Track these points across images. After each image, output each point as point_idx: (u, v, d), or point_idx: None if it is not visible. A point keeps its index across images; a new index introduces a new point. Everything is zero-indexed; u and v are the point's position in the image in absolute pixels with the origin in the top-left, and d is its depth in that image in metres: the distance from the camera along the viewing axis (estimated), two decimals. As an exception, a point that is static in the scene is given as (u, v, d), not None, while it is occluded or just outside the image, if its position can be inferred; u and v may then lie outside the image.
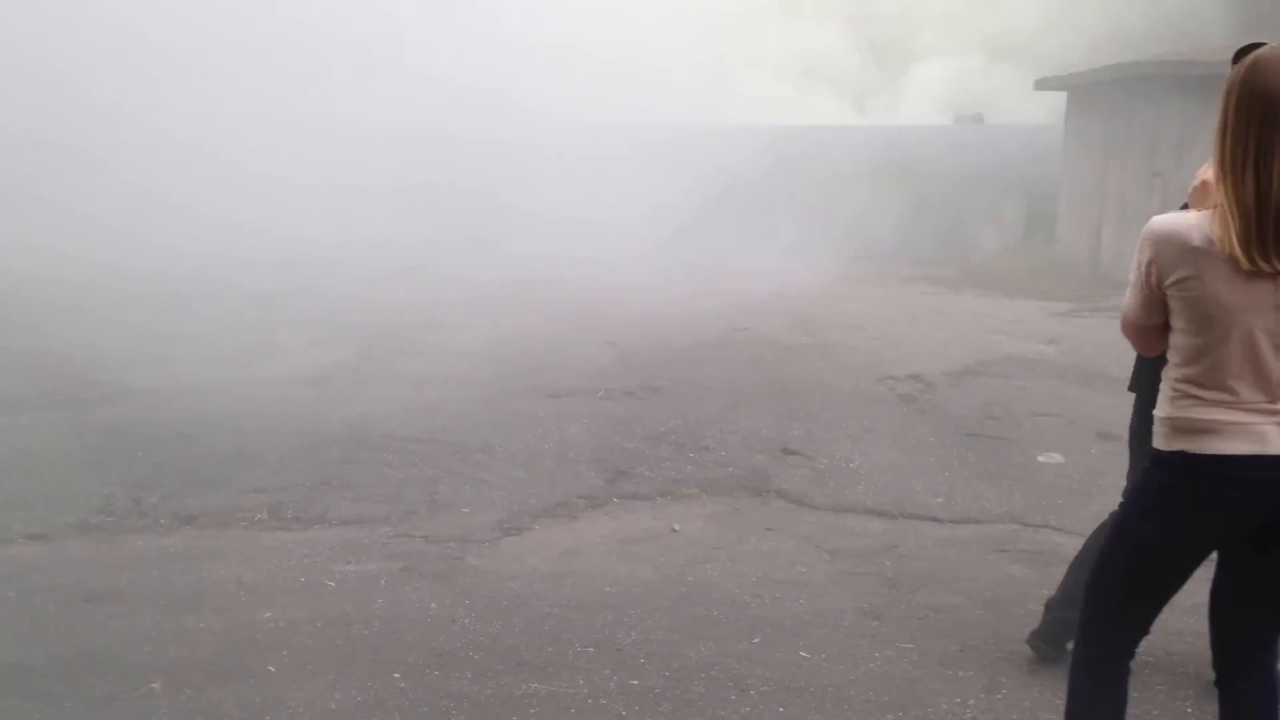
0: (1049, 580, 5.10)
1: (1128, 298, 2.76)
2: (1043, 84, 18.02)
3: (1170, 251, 2.60)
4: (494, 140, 16.11)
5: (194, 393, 8.13)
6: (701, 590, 5.00)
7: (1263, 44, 2.61)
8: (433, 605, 4.77)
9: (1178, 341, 2.68)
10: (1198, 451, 2.63)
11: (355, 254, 15.15)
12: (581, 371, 8.88)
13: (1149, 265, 2.65)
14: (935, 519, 6.05)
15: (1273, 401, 2.59)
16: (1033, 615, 4.56)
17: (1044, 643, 4.27)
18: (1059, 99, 17.81)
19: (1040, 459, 6.90)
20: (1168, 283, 2.62)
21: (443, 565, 5.22)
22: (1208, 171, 2.76)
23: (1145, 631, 2.90)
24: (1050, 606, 4.29)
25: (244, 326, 10.71)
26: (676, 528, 5.85)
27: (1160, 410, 2.74)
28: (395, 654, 4.32)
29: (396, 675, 4.14)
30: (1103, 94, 16.38)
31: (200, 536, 5.57)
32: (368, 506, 6.01)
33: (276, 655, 4.29)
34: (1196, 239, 2.56)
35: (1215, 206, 2.56)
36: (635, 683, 4.12)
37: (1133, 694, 2.97)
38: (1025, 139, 18.04)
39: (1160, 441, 2.72)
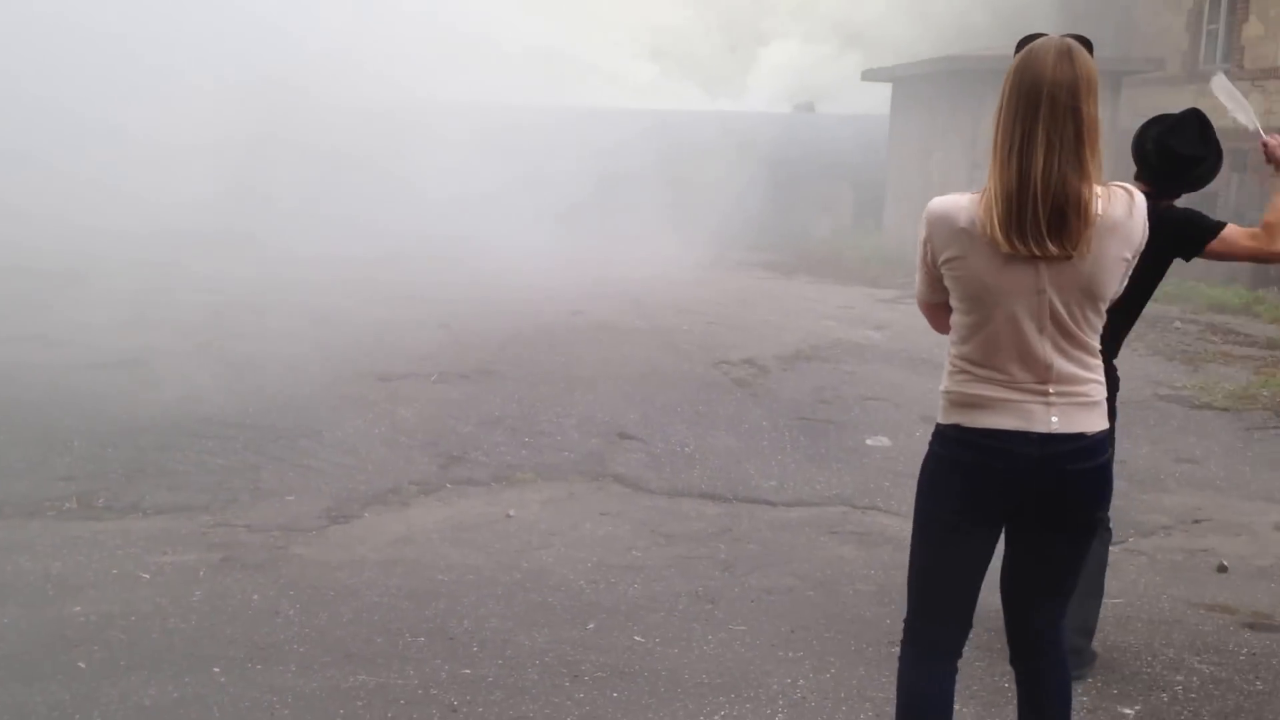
0: (877, 561, 5.21)
1: (917, 275, 2.84)
2: (869, 75, 18.45)
3: (941, 231, 2.68)
4: (353, 107, 15.47)
5: (-2, 376, 7.66)
6: (536, 576, 4.94)
7: (1042, 34, 2.68)
8: (255, 597, 4.58)
9: (955, 319, 2.77)
10: (970, 425, 2.72)
11: (186, 220, 14.37)
12: (414, 354, 8.69)
13: (925, 244, 2.73)
14: (768, 502, 6.11)
15: (1041, 382, 2.67)
16: (861, 596, 4.64)
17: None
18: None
19: (869, 442, 7.04)
20: (940, 261, 2.70)
21: (266, 555, 5.03)
22: None
23: (965, 624, 2.91)
24: None
25: (47, 304, 10.13)
26: (511, 513, 5.76)
27: (941, 385, 2.82)
28: (215, 648, 4.13)
29: (216, 670, 3.96)
30: (926, 87, 16.85)
31: (4, 527, 5.24)
32: (185, 495, 5.75)
33: (87, 650, 4.06)
34: (963, 220, 2.63)
35: (983, 190, 2.64)
36: (468, 672, 4.03)
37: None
38: (855, 128, 18.44)
39: (940, 415, 2.81)
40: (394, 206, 14.99)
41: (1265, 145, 4.10)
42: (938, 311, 2.86)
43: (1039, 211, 2.55)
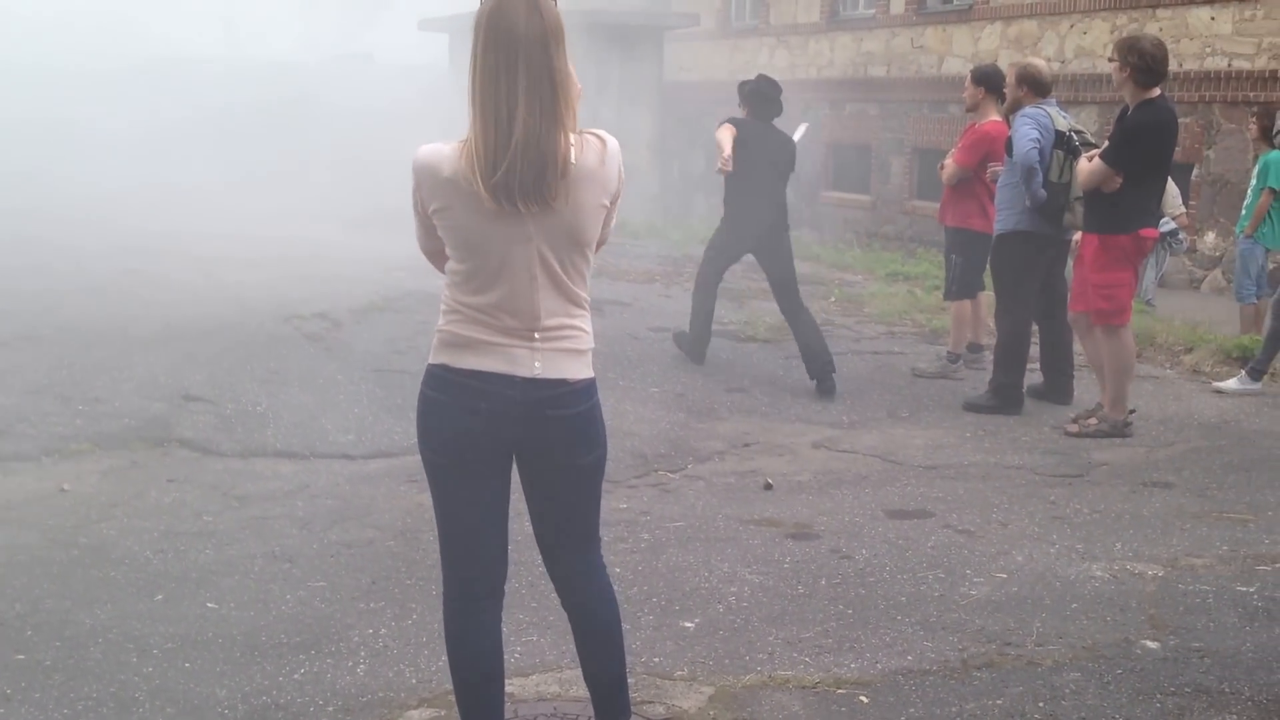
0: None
1: (414, 223, 2.86)
2: (426, 25, 18.46)
3: (429, 182, 2.72)
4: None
5: None
6: (96, 551, 4.65)
7: None
8: None
9: (450, 265, 2.81)
10: (456, 365, 2.78)
11: None
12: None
13: (415, 192, 2.77)
14: (347, 456, 6.06)
15: (529, 329, 2.75)
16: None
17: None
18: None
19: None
20: (430, 210, 2.75)
21: None
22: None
23: (498, 564, 2.94)
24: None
25: None
26: (66, 487, 5.38)
27: (438, 323, 2.86)
28: None
29: None
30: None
31: None
32: None
33: None
34: (448, 171, 2.67)
35: (465, 141, 2.68)
36: (21, 657, 3.75)
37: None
38: (415, 79, 18.33)
39: (431, 355, 2.85)
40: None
41: None
42: (437, 257, 2.89)
43: (522, 168, 2.61)
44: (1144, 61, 6.28)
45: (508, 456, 2.85)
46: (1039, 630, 4.12)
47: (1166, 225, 9.29)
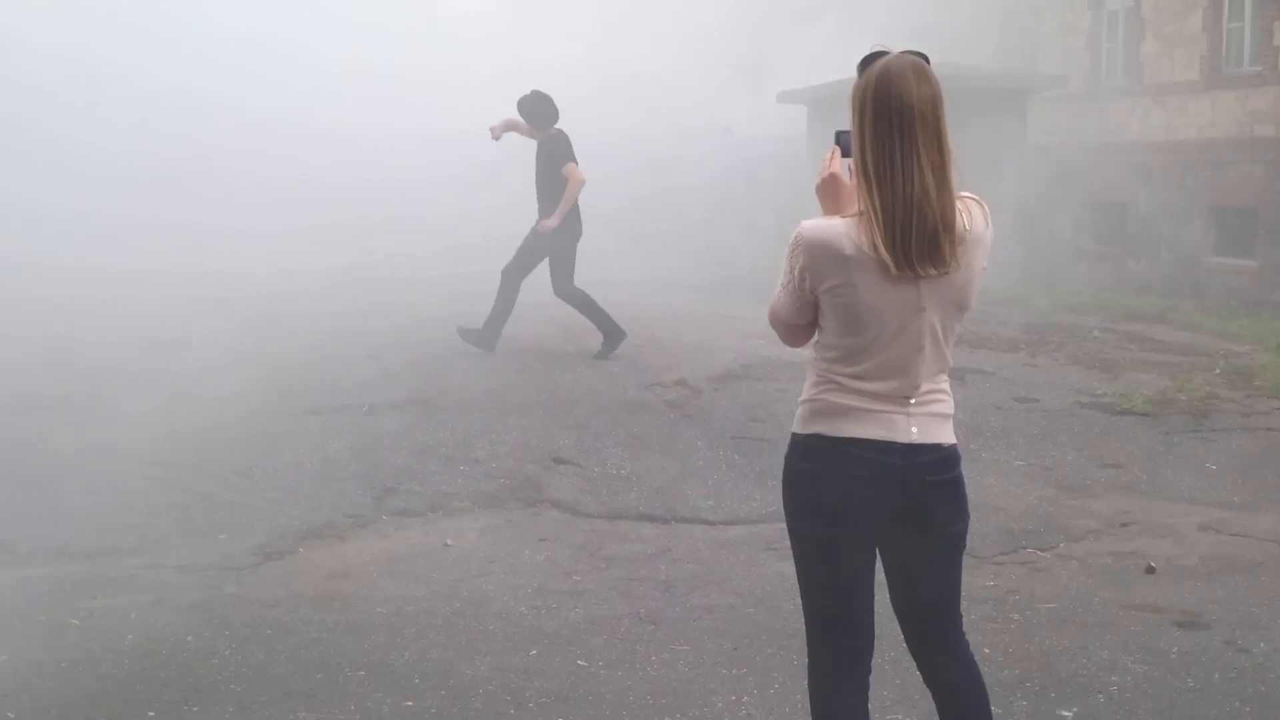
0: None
1: (778, 296, 2.82)
2: (785, 97, 18.65)
3: (824, 259, 2.67)
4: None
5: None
6: (476, 605, 4.90)
7: (885, 52, 2.71)
8: (189, 638, 4.49)
9: (829, 339, 2.76)
10: (831, 433, 2.72)
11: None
12: (343, 386, 8.58)
13: (801, 272, 2.71)
14: (706, 521, 6.13)
15: (908, 396, 2.70)
16: (800, 611, 4.65)
17: None
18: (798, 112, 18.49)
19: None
20: (821, 289, 2.70)
21: (199, 595, 4.94)
22: (835, 164, 2.84)
23: (865, 637, 2.88)
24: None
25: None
26: (449, 542, 5.72)
27: (803, 394, 2.83)
28: (149, 691, 4.05)
29: (151, 714, 3.88)
30: (841, 108, 16.97)
31: (-78, 578, 5.10)
32: (113, 537, 5.63)
33: (15, 702, 3.95)
34: (848, 247, 2.63)
35: (860, 213, 2.65)
36: (410, 704, 3.99)
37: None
38: (772, 150, 18.57)
39: (797, 425, 2.81)
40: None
41: None
42: (801, 331, 2.86)
43: (922, 232, 2.59)
44: None
45: (880, 525, 2.79)
46: None
47: None
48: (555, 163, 9.21)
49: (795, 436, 2.82)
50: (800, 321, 2.83)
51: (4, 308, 11.29)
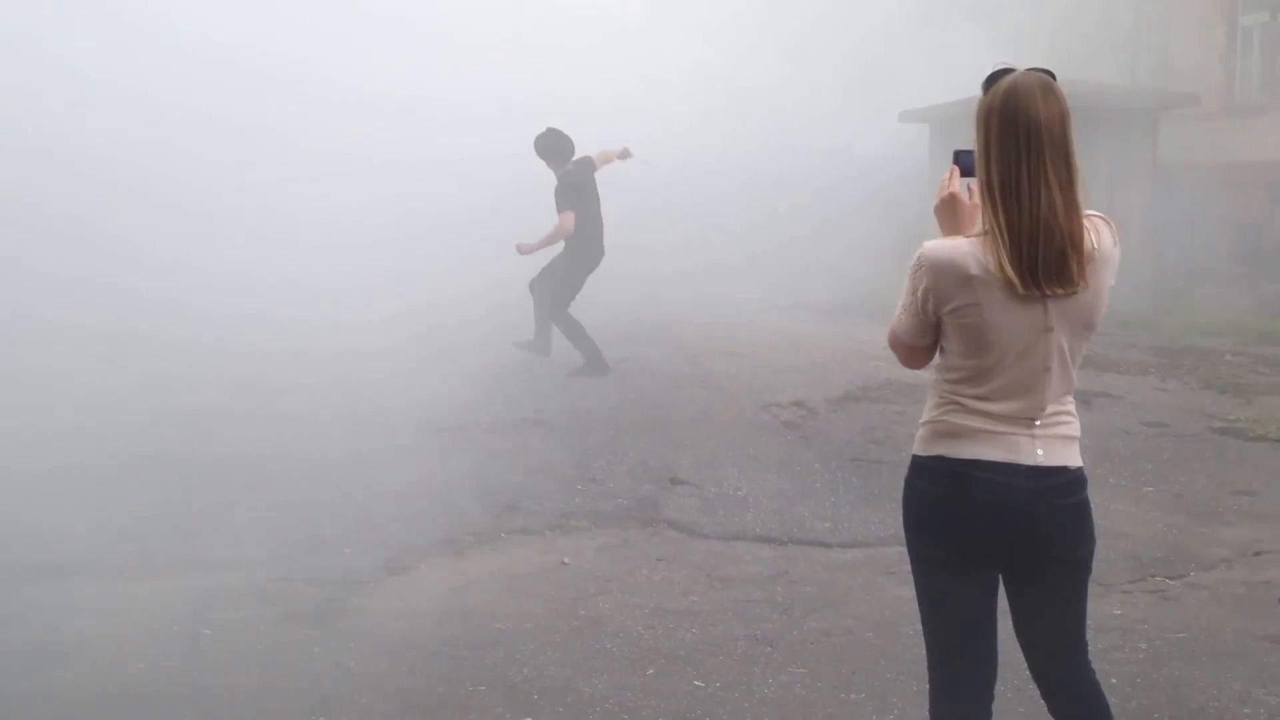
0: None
1: (899, 318, 2.80)
2: (906, 117, 18.47)
3: (950, 280, 2.64)
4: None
5: (52, 436, 7.76)
6: (593, 623, 4.94)
7: (1011, 69, 2.67)
8: (316, 649, 4.62)
9: (953, 361, 2.74)
10: (954, 455, 2.69)
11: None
12: (461, 404, 8.74)
13: (925, 293, 2.69)
14: (824, 544, 6.08)
15: (1033, 418, 2.67)
16: (921, 637, 4.60)
17: None
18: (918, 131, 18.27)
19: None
20: (945, 310, 2.67)
21: (325, 608, 5.07)
22: (954, 183, 2.80)
23: (991, 668, 2.85)
24: None
25: (104, 364, 10.22)
26: (567, 561, 5.77)
27: (924, 416, 2.80)
28: (278, 701, 4.17)
29: (279, 723, 3.99)
30: (964, 127, 16.73)
31: (67, 587, 5.31)
32: (244, 550, 5.79)
33: (152, 708, 4.11)
34: (974, 268, 2.61)
35: (984, 232, 2.62)
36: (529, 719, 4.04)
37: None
38: (894, 169, 18.39)
39: (918, 446, 2.78)
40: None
41: None
42: (921, 354, 2.84)
43: (1050, 251, 2.56)
44: None
45: (1004, 549, 2.74)
46: None
47: None
48: (559, 201, 9.69)
49: (916, 458, 2.80)
50: (921, 344, 2.81)
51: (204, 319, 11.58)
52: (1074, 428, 2.75)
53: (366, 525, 6.20)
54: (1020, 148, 2.58)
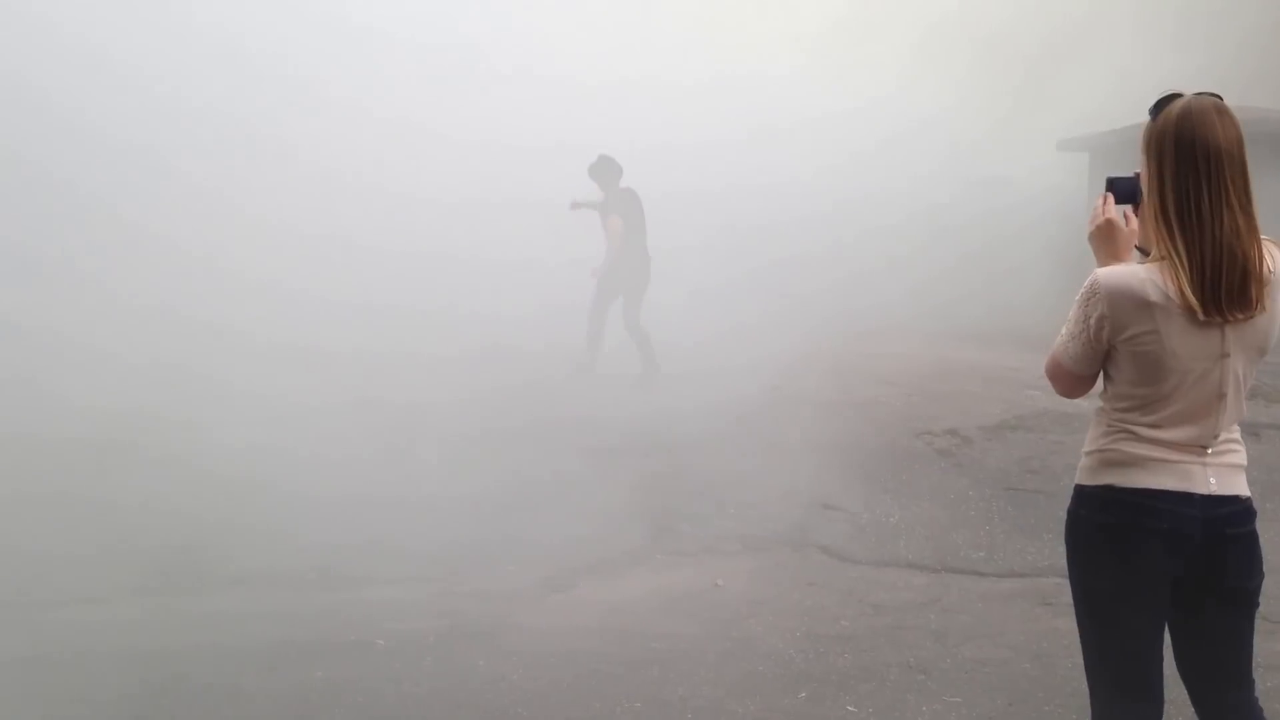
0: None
1: (1065, 346, 2.77)
2: (1065, 145, 18.08)
3: (1127, 307, 2.62)
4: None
5: (239, 456, 8.16)
6: (746, 645, 5.03)
7: (1180, 94, 2.65)
8: (481, 662, 4.81)
9: (1119, 389, 2.72)
10: (1124, 485, 2.67)
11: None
12: (617, 428, 8.91)
13: (1100, 321, 2.66)
14: (978, 572, 6.06)
15: (1206, 446, 2.65)
16: (1079, 670, 4.55)
17: None
18: (1075, 160, 17.86)
19: (1081, 512, 6.87)
20: (1121, 338, 2.65)
21: (489, 623, 5.27)
22: (1109, 210, 2.78)
23: (1157, 705, 2.81)
24: None
25: (285, 390, 10.67)
26: (720, 583, 5.88)
27: (1089, 445, 2.77)
28: (445, 711, 4.37)
29: (448, 731, 4.18)
30: (1126, 155, 16.25)
31: (250, 597, 5.64)
32: (415, 565, 6.06)
33: (329, 714, 4.35)
34: (1153, 294, 2.59)
35: (1162, 259, 2.60)
36: (685, 738, 4.14)
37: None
38: (1051, 199, 18.02)
39: (1084, 476, 2.75)
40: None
41: None
42: (1081, 383, 2.83)
43: (1232, 276, 2.55)
44: None
45: (1172, 580, 2.72)
46: None
47: None
48: (604, 211, 10.73)
49: (1082, 489, 2.78)
50: (1088, 373, 2.80)
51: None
52: (1242, 456, 2.73)
53: (530, 544, 6.40)
54: (1199, 171, 2.56)
